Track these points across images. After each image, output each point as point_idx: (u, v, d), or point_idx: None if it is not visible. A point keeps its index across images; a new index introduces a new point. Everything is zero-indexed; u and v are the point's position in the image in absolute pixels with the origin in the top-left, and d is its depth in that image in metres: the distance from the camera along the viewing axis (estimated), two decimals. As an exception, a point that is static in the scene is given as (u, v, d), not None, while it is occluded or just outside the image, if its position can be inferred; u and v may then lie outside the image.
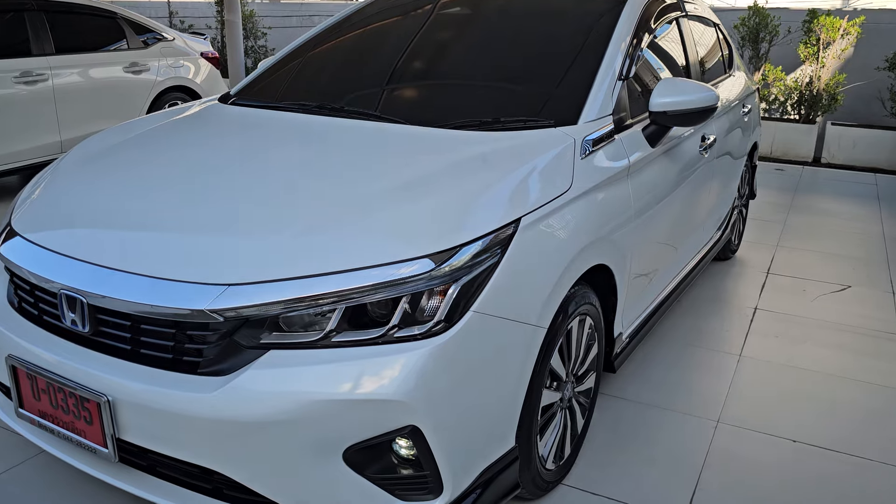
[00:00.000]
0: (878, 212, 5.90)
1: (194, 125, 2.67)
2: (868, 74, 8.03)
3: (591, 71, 2.58)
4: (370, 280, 1.71)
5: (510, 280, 1.88)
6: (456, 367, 1.75)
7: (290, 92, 2.99)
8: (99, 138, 2.62)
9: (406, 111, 2.61)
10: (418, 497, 1.81)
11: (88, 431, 1.84)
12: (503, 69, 2.78)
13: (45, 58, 5.75)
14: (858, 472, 2.54)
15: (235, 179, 2.09)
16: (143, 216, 1.97)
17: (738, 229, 4.64)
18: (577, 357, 2.34)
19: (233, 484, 1.76)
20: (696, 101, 2.60)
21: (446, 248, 1.78)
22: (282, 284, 1.71)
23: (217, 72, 7.47)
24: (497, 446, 1.95)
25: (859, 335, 3.62)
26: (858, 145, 7.63)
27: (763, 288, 4.19)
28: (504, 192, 1.99)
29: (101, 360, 1.83)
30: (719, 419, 2.83)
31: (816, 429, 2.79)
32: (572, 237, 2.13)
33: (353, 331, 1.73)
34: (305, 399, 1.67)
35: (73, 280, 1.84)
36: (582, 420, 2.50)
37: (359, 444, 1.71)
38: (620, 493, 2.38)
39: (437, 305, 1.75)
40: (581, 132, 2.34)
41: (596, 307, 2.38)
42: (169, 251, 1.83)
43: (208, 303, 1.70)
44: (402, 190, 1.96)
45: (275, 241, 1.80)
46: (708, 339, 3.51)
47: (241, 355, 1.73)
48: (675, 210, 3.01)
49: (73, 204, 2.13)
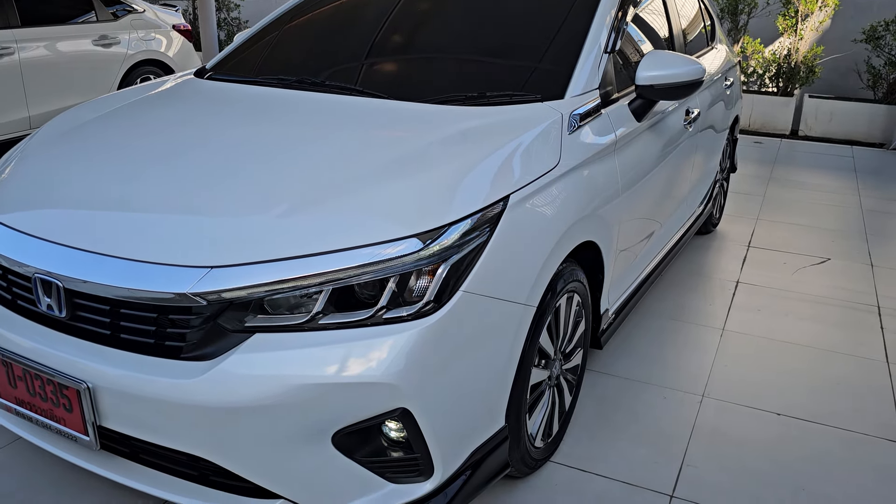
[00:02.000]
0: (856, 184, 5.94)
1: (171, 101, 2.58)
2: (845, 47, 8.05)
3: (577, 44, 2.54)
4: (357, 261, 1.67)
5: (499, 259, 1.84)
6: (446, 348, 1.72)
7: (269, 66, 2.90)
8: (71, 115, 2.52)
9: (390, 86, 2.54)
10: (409, 479, 1.79)
11: (68, 419, 1.79)
12: (488, 42, 2.72)
13: (10, 31, 5.57)
14: (843, 444, 2.56)
15: (215, 158, 2.02)
16: (120, 196, 1.90)
17: (719, 203, 4.65)
18: (565, 335, 2.32)
19: (219, 470, 1.73)
20: (682, 74, 2.56)
21: (434, 227, 1.74)
22: (266, 266, 1.66)
23: (190, 45, 7.30)
24: (487, 426, 1.93)
25: (840, 307, 3.65)
26: (835, 118, 7.67)
27: (744, 261, 4.21)
28: (491, 169, 1.95)
29: (79, 345, 1.78)
30: (704, 393, 2.84)
31: (800, 401, 2.81)
32: (561, 214, 2.09)
33: (340, 313, 1.68)
34: (292, 383, 1.63)
35: (47, 264, 1.78)
36: (570, 397, 2.49)
37: (348, 428, 1.68)
38: (608, 469, 2.38)
39: (426, 286, 1.71)
40: (568, 106, 2.30)
41: (583, 284, 2.36)
42: (148, 233, 1.76)
43: (190, 286, 1.64)
44: (388, 168, 1.91)
45: (258, 221, 1.75)
46: (691, 314, 3.52)
47: (226, 339, 1.68)
48: (660, 185, 2.98)
49: (46, 184, 2.05)
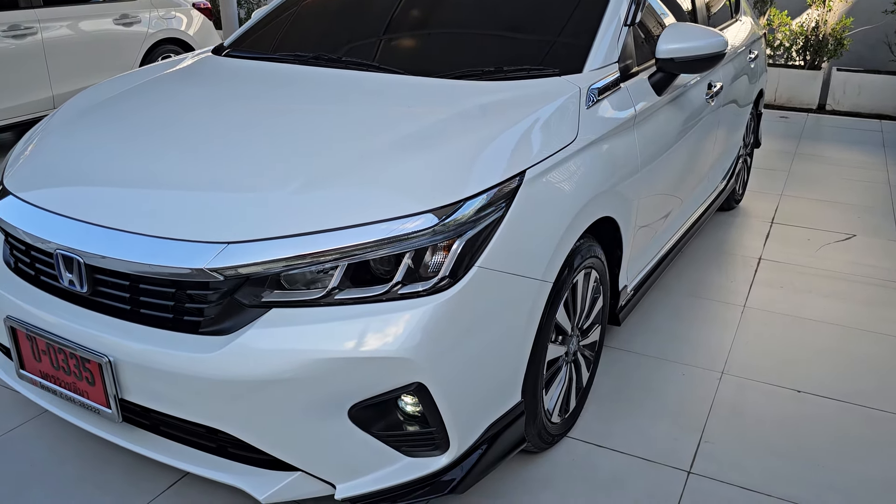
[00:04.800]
0: (884, 159, 5.83)
1: (189, 78, 2.59)
2: (876, 18, 7.84)
3: (596, 16, 2.50)
4: (372, 236, 1.67)
5: (515, 234, 1.84)
6: (461, 323, 1.73)
7: (286, 43, 2.89)
8: (90, 93, 2.54)
9: (406, 61, 2.52)
10: (425, 453, 1.80)
11: (91, 392, 1.83)
12: (505, 16, 2.69)
13: (32, 10, 5.60)
14: (864, 422, 2.54)
15: (232, 134, 2.03)
16: (139, 173, 1.92)
17: (742, 179, 4.58)
18: (583, 311, 2.31)
19: (237, 442, 1.75)
20: (704, 46, 2.52)
21: (450, 203, 1.74)
22: (282, 242, 1.67)
23: (210, 23, 7.30)
24: (503, 401, 1.94)
25: (864, 284, 3.59)
26: (864, 91, 7.50)
27: (767, 238, 4.15)
28: (508, 144, 1.94)
29: (100, 320, 1.81)
30: (724, 370, 2.82)
31: (821, 379, 2.78)
32: (578, 189, 2.08)
33: (356, 288, 1.69)
34: (309, 357, 1.65)
35: (68, 239, 1.80)
36: (587, 373, 2.49)
37: (364, 402, 1.70)
38: (626, 445, 2.38)
39: (441, 261, 1.71)
40: (586, 80, 2.28)
41: (601, 260, 2.35)
42: (166, 209, 1.78)
43: (207, 261, 1.66)
44: (404, 143, 1.91)
45: (274, 197, 1.76)
46: (712, 291, 3.49)
47: (243, 314, 1.70)
48: (680, 160, 2.95)
49: (67, 161, 2.07)
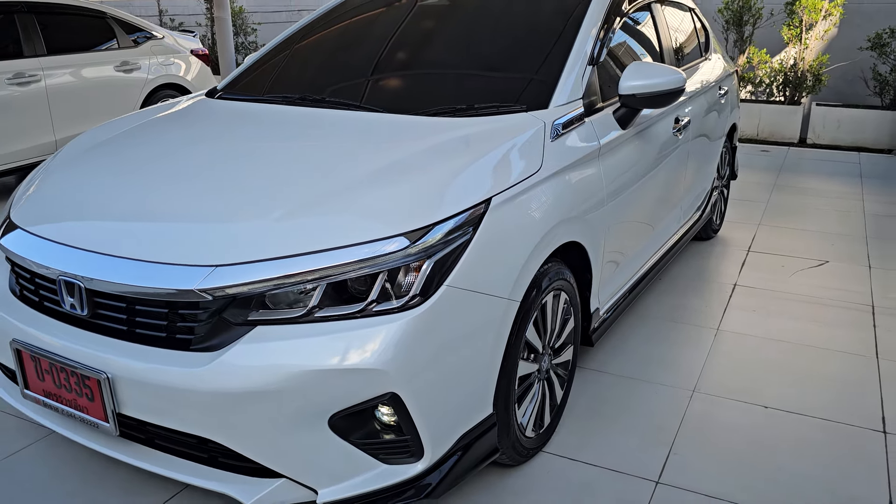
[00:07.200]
0: (860, 189, 6.02)
1: (182, 119, 2.78)
2: (851, 55, 8.13)
3: (561, 56, 2.69)
4: (349, 257, 1.83)
5: (482, 256, 1.99)
6: (432, 337, 1.87)
7: (275, 85, 3.09)
8: (89, 135, 2.72)
9: (384, 100, 2.72)
10: (401, 460, 1.93)
11: (90, 408, 1.96)
12: (478, 57, 2.89)
13: (37, 59, 5.84)
14: (829, 435, 2.66)
15: (220, 168, 2.20)
16: (134, 205, 2.09)
17: (719, 209, 4.76)
18: (553, 330, 2.46)
19: (227, 452, 1.88)
20: (663, 83, 2.70)
21: (420, 227, 1.90)
22: (266, 264, 1.83)
23: (207, 69, 7.56)
24: (475, 412, 2.07)
25: (833, 307, 3.74)
26: (843, 125, 7.74)
27: (743, 265, 4.31)
28: (476, 173, 2.11)
29: (99, 340, 1.95)
30: (695, 388, 2.95)
31: (788, 395, 2.91)
32: (543, 216, 2.24)
33: (334, 306, 1.84)
34: (291, 371, 1.79)
35: (70, 266, 1.96)
36: (561, 391, 2.62)
37: (343, 412, 1.83)
38: (598, 458, 2.50)
39: (413, 281, 1.87)
40: (551, 115, 2.46)
41: (571, 283, 2.50)
42: (159, 237, 1.94)
43: (197, 283, 1.81)
44: (380, 174, 2.08)
45: (259, 224, 1.92)
46: (687, 315, 3.63)
47: (230, 332, 1.85)
48: (649, 190, 3.12)
49: (68, 196, 2.24)
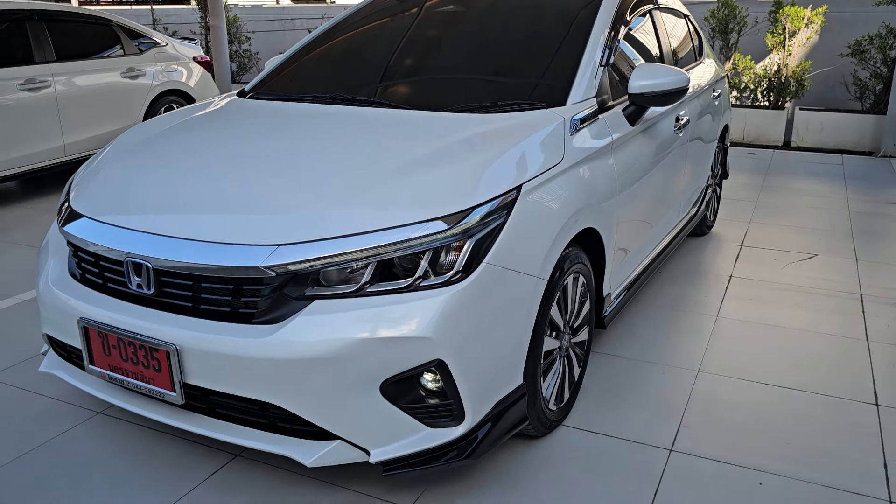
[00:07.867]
0: (844, 189, 6.29)
1: (223, 116, 2.97)
2: (833, 61, 8.45)
3: (575, 58, 2.90)
4: (397, 237, 2.02)
5: (515, 237, 2.18)
6: (473, 309, 2.06)
7: (304, 86, 3.27)
8: (135, 132, 2.89)
9: (414, 99, 2.91)
10: (444, 424, 2.11)
11: (157, 378, 2.13)
12: (499, 60, 3.10)
13: (47, 65, 5.97)
14: (822, 407, 2.87)
15: (272, 159, 2.39)
16: (194, 193, 2.26)
17: (712, 207, 4.99)
18: (573, 310, 2.65)
19: (285, 416, 2.06)
20: (669, 82, 2.92)
21: (460, 210, 2.09)
22: (322, 244, 2.01)
23: (209, 75, 7.72)
24: (508, 381, 2.26)
25: (822, 296, 3.97)
26: (826, 128, 8.03)
27: (737, 259, 4.54)
28: (506, 163, 2.30)
29: (165, 316, 2.12)
30: (700, 369, 3.16)
31: (785, 373, 3.12)
32: (565, 203, 2.44)
33: (384, 282, 2.03)
34: (346, 340, 1.97)
35: (139, 248, 2.13)
36: (578, 369, 2.82)
37: (393, 378, 2.02)
38: (614, 430, 2.70)
39: (455, 259, 2.06)
40: (569, 112, 2.66)
41: (587, 267, 2.70)
42: (223, 220, 2.12)
43: (261, 260, 1.99)
44: (418, 164, 2.27)
45: (314, 209, 2.10)
46: (688, 304, 3.84)
47: (290, 306, 2.02)
48: (653, 183, 3.33)
49: (128, 186, 2.42)
